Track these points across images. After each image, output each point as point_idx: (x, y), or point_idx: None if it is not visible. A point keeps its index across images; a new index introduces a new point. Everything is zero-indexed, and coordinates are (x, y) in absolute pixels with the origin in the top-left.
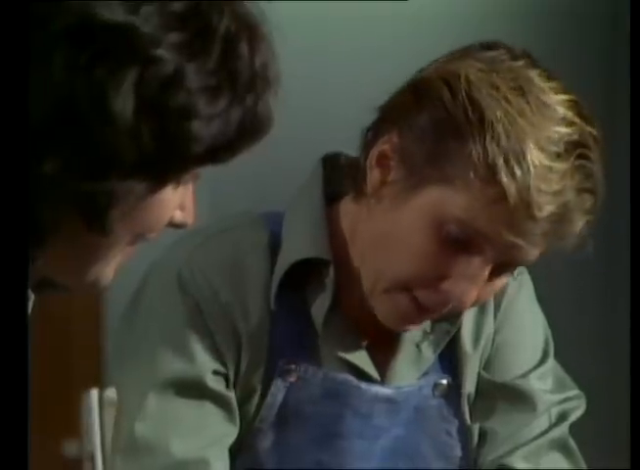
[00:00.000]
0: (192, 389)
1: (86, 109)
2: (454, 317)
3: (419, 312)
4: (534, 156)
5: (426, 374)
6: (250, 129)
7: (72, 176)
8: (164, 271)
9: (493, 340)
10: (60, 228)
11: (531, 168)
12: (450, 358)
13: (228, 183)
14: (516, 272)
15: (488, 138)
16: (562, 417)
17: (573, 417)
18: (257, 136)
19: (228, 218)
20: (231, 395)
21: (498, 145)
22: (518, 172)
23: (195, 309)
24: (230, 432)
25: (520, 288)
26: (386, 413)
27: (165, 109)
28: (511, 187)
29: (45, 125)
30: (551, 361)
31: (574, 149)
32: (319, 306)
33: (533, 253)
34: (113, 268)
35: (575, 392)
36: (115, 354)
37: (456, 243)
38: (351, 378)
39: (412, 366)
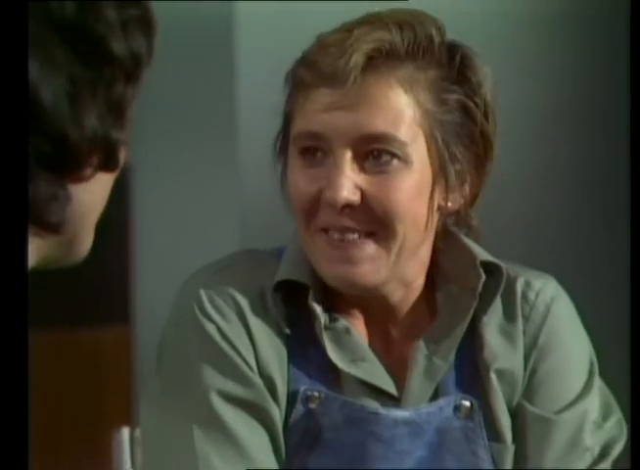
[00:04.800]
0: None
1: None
2: (460, 315)
3: (340, 242)
4: None
5: (445, 394)
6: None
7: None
8: (181, 306)
9: (535, 369)
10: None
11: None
12: (472, 380)
13: (256, 219)
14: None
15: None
16: (605, 451)
17: (616, 451)
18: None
19: (243, 252)
20: (279, 426)
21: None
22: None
23: (217, 336)
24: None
25: (560, 308)
26: (408, 437)
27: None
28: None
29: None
30: (597, 383)
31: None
32: (319, 331)
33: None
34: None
35: (619, 416)
36: (147, 400)
37: (307, 152)
38: (370, 404)
39: (426, 378)
